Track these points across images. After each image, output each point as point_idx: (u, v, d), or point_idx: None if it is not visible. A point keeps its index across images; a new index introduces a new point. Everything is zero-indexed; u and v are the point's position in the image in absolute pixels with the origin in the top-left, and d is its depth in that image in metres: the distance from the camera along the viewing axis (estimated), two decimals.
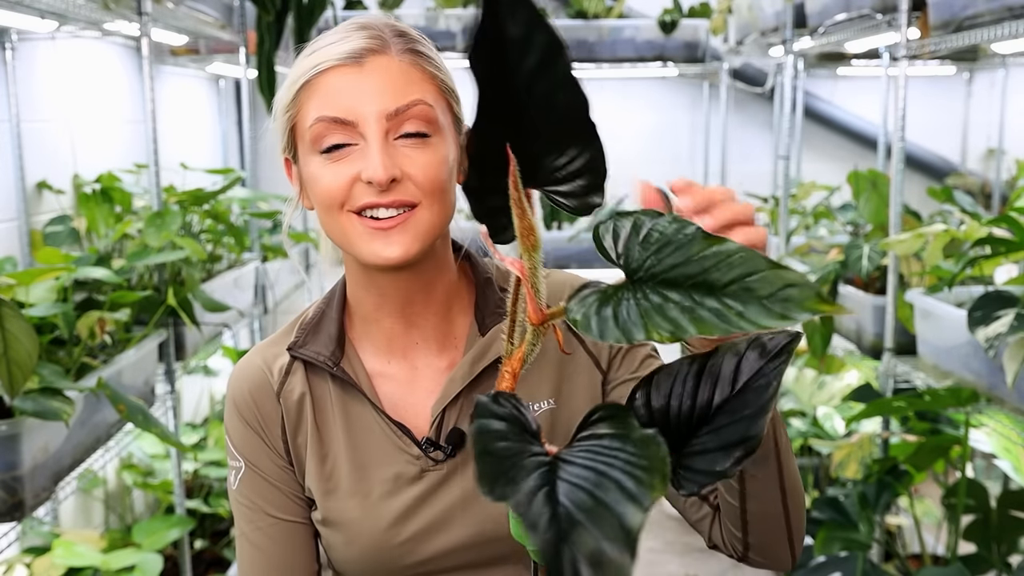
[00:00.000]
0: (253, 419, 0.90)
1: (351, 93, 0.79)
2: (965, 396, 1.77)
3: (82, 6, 1.79)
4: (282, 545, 0.90)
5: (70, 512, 2.35)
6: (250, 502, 0.90)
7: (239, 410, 0.91)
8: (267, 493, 0.90)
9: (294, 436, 0.90)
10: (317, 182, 0.81)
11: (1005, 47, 2.88)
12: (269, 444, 0.90)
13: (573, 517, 0.43)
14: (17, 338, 1.39)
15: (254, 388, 0.90)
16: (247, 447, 0.91)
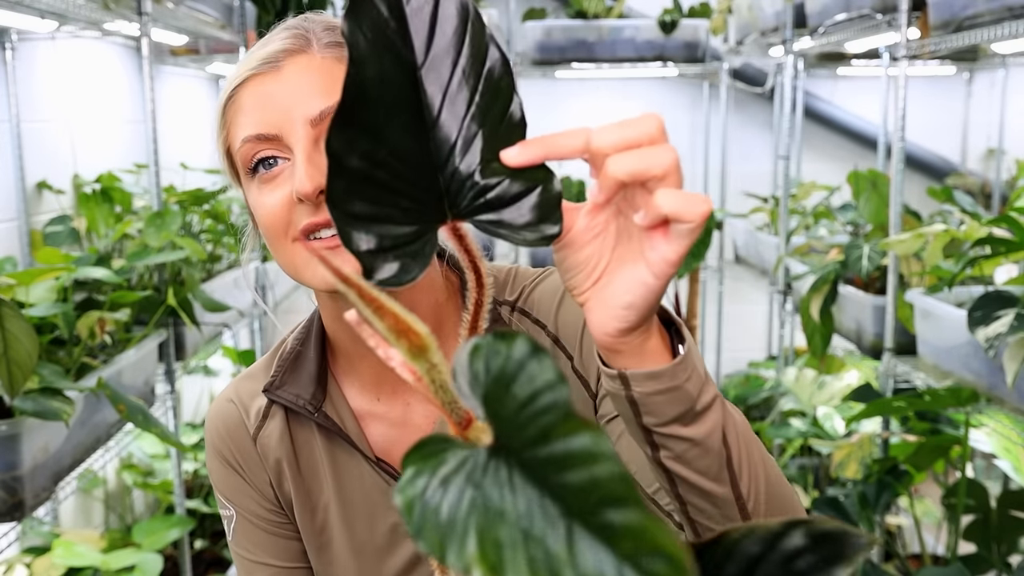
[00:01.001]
0: (235, 461, 0.83)
1: (271, 103, 0.70)
2: (965, 396, 1.77)
3: (82, 6, 1.79)
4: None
5: (70, 512, 2.35)
6: (248, 552, 0.84)
7: (219, 453, 0.84)
8: (264, 542, 0.83)
9: (279, 485, 0.82)
10: (258, 211, 0.73)
11: (1005, 47, 2.88)
12: (256, 488, 0.83)
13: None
14: (17, 338, 1.39)
15: (231, 430, 0.83)
16: (234, 492, 0.84)
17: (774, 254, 3.13)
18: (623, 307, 0.51)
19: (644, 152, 0.47)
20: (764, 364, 3.76)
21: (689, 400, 0.54)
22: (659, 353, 0.54)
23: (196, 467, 2.73)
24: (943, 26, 1.91)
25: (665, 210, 0.46)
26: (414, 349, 0.44)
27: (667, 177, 0.47)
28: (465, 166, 0.48)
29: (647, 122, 0.48)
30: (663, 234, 0.48)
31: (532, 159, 0.48)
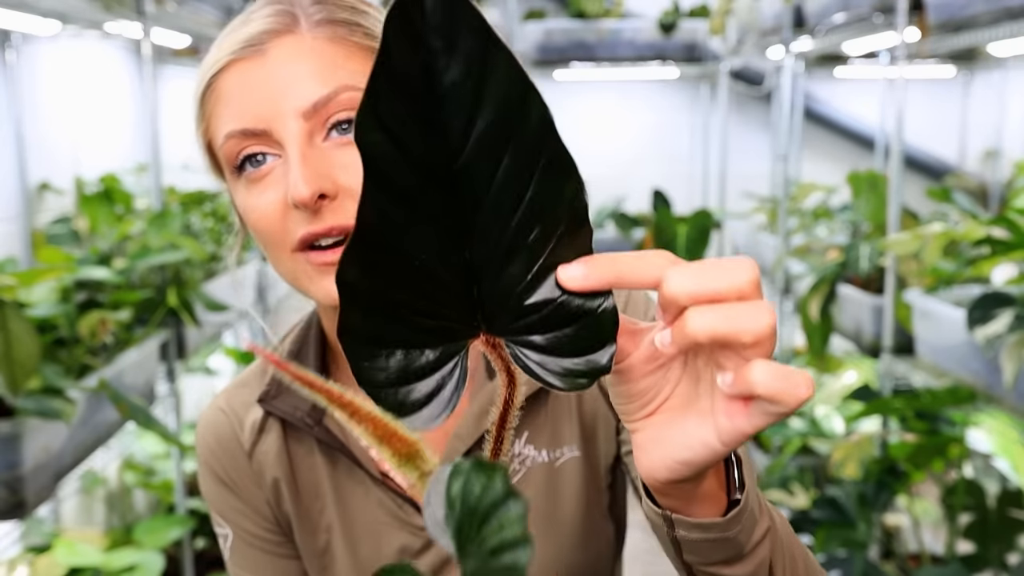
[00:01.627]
0: (228, 479, 0.76)
1: (256, 93, 0.61)
2: (963, 396, 1.78)
3: (84, 7, 1.80)
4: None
5: (71, 511, 2.35)
6: (247, 573, 0.77)
7: (211, 470, 0.76)
8: (261, 562, 0.76)
9: (277, 504, 0.75)
10: (247, 215, 0.64)
11: (1003, 48, 2.89)
12: (252, 507, 0.76)
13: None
14: (19, 338, 1.40)
15: (224, 445, 0.75)
16: (229, 511, 0.76)
17: (773, 254, 3.14)
18: (678, 461, 0.43)
19: (734, 311, 0.38)
20: None
21: (738, 547, 0.49)
22: (712, 499, 0.48)
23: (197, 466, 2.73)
24: (942, 27, 1.92)
25: (759, 390, 0.38)
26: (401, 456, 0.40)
27: (759, 344, 0.39)
28: (507, 279, 0.39)
29: (739, 270, 0.39)
30: (744, 406, 0.40)
31: (597, 285, 0.40)
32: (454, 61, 0.35)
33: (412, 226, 0.37)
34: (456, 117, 0.36)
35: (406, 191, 0.37)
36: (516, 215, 0.38)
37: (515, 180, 0.37)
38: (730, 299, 0.39)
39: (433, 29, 0.35)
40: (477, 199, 0.37)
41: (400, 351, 0.39)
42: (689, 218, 3.08)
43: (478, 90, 0.36)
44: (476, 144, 0.37)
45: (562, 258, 0.39)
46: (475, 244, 0.38)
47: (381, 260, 0.38)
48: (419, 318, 0.39)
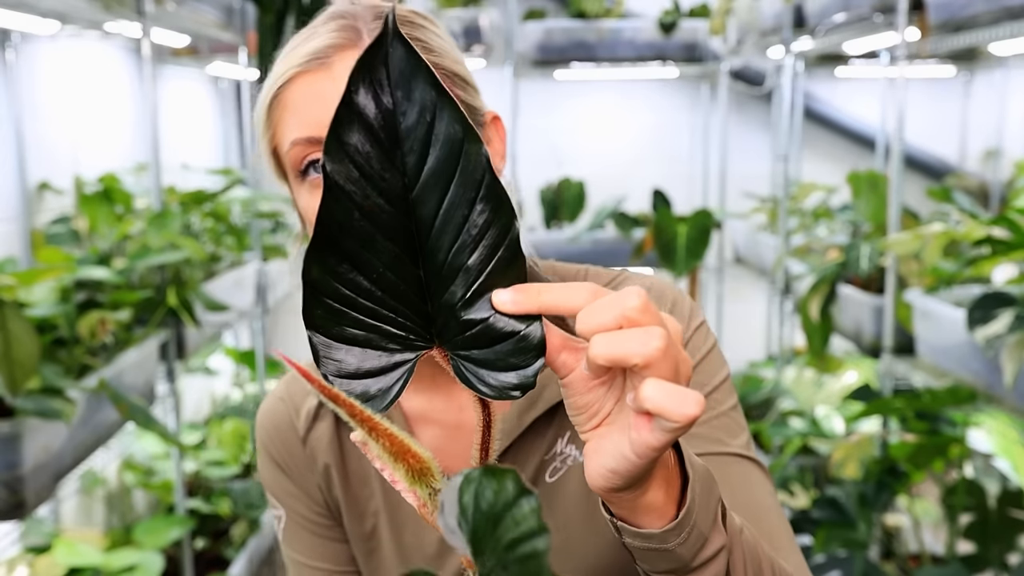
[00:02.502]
0: (283, 461, 0.81)
1: (322, 103, 0.65)
2: (964, 396, 1.78)
3: (83, 7, 1.79)
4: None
5: (71, 511, 2.35)
6: (297, 554, 0.81)
7: (268, 453, 0.81)
8: (311, 543, 0.81)
9: (328, 489, 0.80)
10: (307, 214, 0.69)
11: (1004, 48, 2.88)
12: (304, 491, 0.80)
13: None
14: (19, 338, 1.40)
15: (281, 430, 0.81)
16: (283, 492, 0.81)
17: (773, 254, 3.14)
18: (608, 469, 0.48)
19: (623, 338, 0.44)
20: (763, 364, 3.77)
21: (681, 560, 0.52)
22: (655, 510, 0.51)
23: (197, 467, 2.73)
24: (942, 27, 1.92)
25: (648, 405, 0.44)
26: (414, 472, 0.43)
27: (651, 366, 0.44)
28: (449, 296, 0.45)
29: (628, 300, 0.45)
30: (648, 421, 0.45)
31: (523, 310, 0.45)
32: (411, 109, 0.43)
33: (374, 239, 0.44)
34: (411, 154, 0.43)
35: (369, 210, 0.44)
36: (458, 239, 0.44)
37: (457, 209, 0.44)
38: (623, 327, 0.44)
39: (395, 83, 0.43)
40: (428, 223, 0.44)
41: (358, 350, 0.45)
42: (689, 218, 3.08)
43: (429, 134, 0.43)
44: (427, 177, 0.44)
45: (497, 282, 0.45)
46: (426, 263, 0.45)
47: (343, 266, 0.44)
48: (380, 324, 0.45)
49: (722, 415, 0.71)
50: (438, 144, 0.43)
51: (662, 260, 3.04)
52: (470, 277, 0.45)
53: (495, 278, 0.45)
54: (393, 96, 0.43)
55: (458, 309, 0.45)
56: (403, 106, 0.43)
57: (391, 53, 0.43)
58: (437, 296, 0.45)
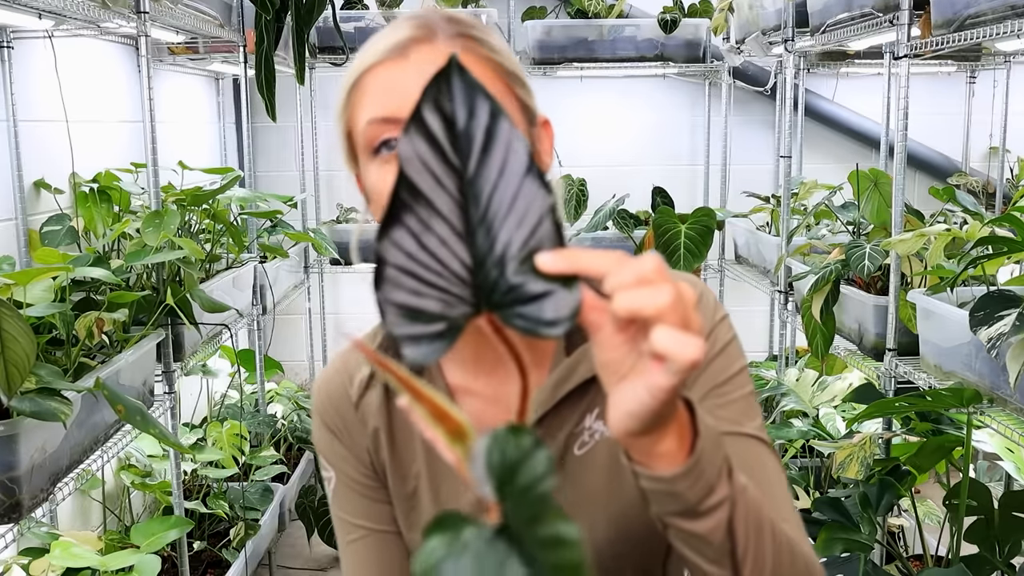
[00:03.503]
0: (336, 426, 0.89)
1: (397, 88, 0.75)
2: (967, 396, 1.77)
3: (80, 4, 1.78)
4: (376, 558, 0.89)
5: (68, 513, 2.34)
6: (345, 513, 0.89)
7: (322, 417, 0.90)
8: (357, 504, 0.89)
9: (375, 451, 0.88)
10: (378, 190, 0.77)
11: (1007, 45, 2.87)
12: (354, 454, 0.88)
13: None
14: (14, 338, 1.39)
15: (334, 397, 0.89)
16: (333, 454, 0.89)
17: (775, 254, 3.12)
18: (626, 413, 0.55)
19: (639, 293, 0.52)
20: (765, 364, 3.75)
21: (688, 504, 0.60)
22: (668, 456, 0.59)
23: (194, 468, 2.72)
24: (945, 25, 1.91)
25: (656, 347, 0.51)
26: (452, 434, 0.49)
27: (662, 317, 0.51)
28: (500, 267, 0.53)
29: (645, 263, 0.53)
30: (658, 365, 0.53)
31: (562, 270, 0.52)
32: (469, 119, 0.52)
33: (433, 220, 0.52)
34: (467, 155, 0.53)
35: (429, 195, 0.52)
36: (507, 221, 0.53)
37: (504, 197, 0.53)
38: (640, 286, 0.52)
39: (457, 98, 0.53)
40: (480, 208, 0.53)
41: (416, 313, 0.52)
42: (690, 217, 3.06)
43: (484, 138, 0.53)
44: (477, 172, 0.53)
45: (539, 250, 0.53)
46: (478, 240, 0.53)
47: (406, 239, 0.52)
48: (434, 290, 0.53)
49: (740, 399, 0.79)
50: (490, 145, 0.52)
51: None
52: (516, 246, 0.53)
53: (537, 247, 0.53)
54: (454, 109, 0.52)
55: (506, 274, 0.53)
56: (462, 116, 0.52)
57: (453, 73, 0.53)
58: (486, 267, 0.53)
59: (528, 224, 0.53)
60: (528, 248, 0.53)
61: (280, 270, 3.20)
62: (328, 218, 3.86)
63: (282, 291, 3.28)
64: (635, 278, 0.52)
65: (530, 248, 0.53)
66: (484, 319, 0.53)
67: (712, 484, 0.60)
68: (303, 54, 2.26)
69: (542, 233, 0.53)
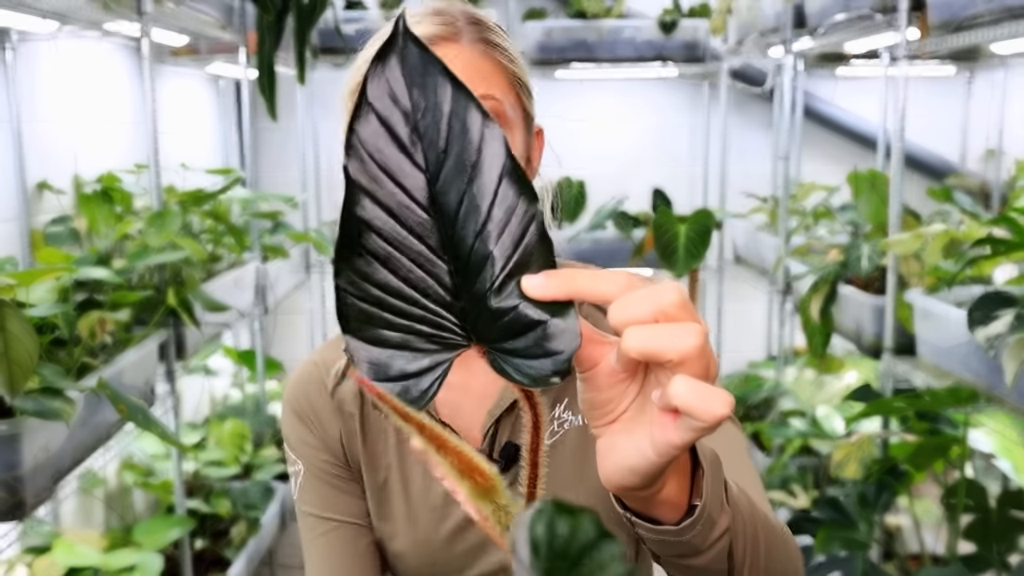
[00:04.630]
0: (306, 414, 0.88)
1: None
2: (965, 396, 1.78)
3: (83, 7, 1.79)
4: (345, 551, 0.87)
5: (71, 512, 2.35)
6: (312, 507, 0.87)
7: (292, 408, 0.88)
8: (326, 495, 0.87)
9: (349, 442, 0.87)
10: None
11: (1005, 47, 2.88)
12: (324, 441, 0.87)
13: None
14: (18, 338, 1.39)
15: (307, 385, 0.88)
16: (302, 443, 0.88)
17: (774, 254, 3.14)
18: (625, 468, 0.48)
19: (659, 332, 0.43)
20: (764, 364, 3.76)
21: (693, 548, 0.54)
22: (671, 504, 0.52)
23: (196, 467, 2.73)
24: (943, 26, 1.92)
25: (676, 402, 0.43)
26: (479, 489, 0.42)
27: (685, 363, 0.43)
28: (480, 286, 0.44)
29: (666, 294, 0.44)
30: (673, 419, 0.45)
31: (555, 295, 0.44)
32: (429, 107, 0.43)
33: (400, 235, 0.44)
34: (431, 152, 0.43)
35: (392, 208, 0.43)
36: (484, 228, 0.44)
37: (480, 201, 0.44)
38: (661, 321, 0.44)
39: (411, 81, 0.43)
40: (452, 215, 0.44)
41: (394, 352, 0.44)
42: (689, 217, 3.07)
43: (448, 130, 0.43)
44: (448, 170, 0.43)
45: (525, 269, 0.44)
46: (454, 256, 0.44)
47: (371, 266, 0.44)
48: (414, 324, 0.44)
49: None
50: (457, 138, 0.43)
51: (662, 260, 3.04)
52: (497, 267, 0.44)
53: (522, 266, 0.44)
54: (411, 94, 0.43)
55: (488, 300, 0.44)
56: (421, 103, 0.43)
57: (405, 52, 0.43)
58: (467, 289, 0.44)
59: (510, 237, 0.44)
60: (512, 266, 0.44)
61: (281, 270, 3.21)
62: (329, 218, 3.87)
63: (283, 291, 3.29)
64: (652, 312, 0.43)
65: (514, 266, 0.44)
66: (476, 351, 0.45)
67: (716, 519, 0.54)
68: (304, 55, 2.27)
69: (527, 248, 0.44)
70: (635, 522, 0.53)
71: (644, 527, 0.53)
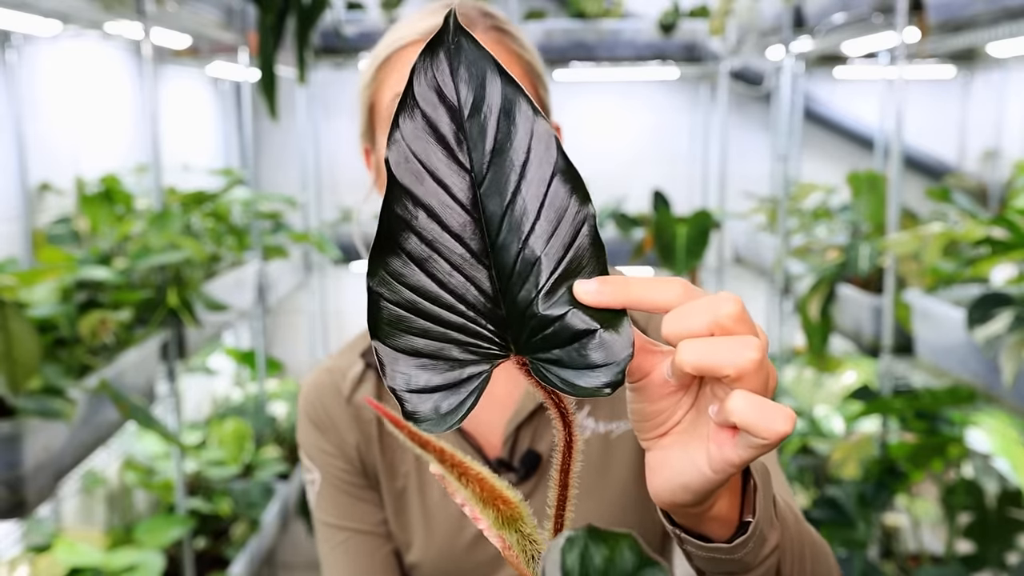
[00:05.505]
0: (322, 421, 0.86)
1: None
2: (963, 396, 1.78)
3: (84, 8, 1.80)
4: (361, 561, 0.85)
5: (72, 511, 2.36)
6: (329, 516, 0.86)
7: (309, 416, 0.87)
8: (342, 503, 0.86)
9: (366, 449, 0.86)
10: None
11: (1003, 48, 2.89)
12: (341, 449, 0.86)
13: None
14: (19, 338, 1.40)
15: (323, 393, 0.87)
16: (319, 451, 0.86)
17: (773, 254, 3.14)
18: (678, 484, 0.45)
19: (716, 346, 0.41)
20: None
21: (744, 565, 0.51)
22: (723, 520, 0.50)
23: (197, 467, 2.73)
24: (941, 27, 1.92)
25: (735, 419, 0.41)
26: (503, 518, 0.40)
27: (742, 378, 0.41)
28: (526, 294, 0.41)
29: (724, 305, 0.42)
30: (731, 436, 0.43)
31: (609, 303, 0.41)
32: (477, 103, 0.41)
33: (440, 237, 0.41)
34: (477, 146, 0.41)
35: (433, 208, 0.41)
36: (532, 230, 0.41)
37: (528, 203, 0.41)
38: (716, 334, 0.41)
39: (459, 76, 0.41)
40: (498, 217, 0.41)
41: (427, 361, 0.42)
42: (689, 218, 3.08)
43: (496, 124, 0.41)
44: (495, 169, 0.41)
45: (575, 274, 0.42)
46: (497, 260, 0.41)
47: (408, 268, 0.41)
48: (450, 331, 0.42)
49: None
50: (506, 137, 0.41)
51: (662, 260, 3.04)
52: (546, 269, 0.41)
53: (573, 269, 0.42)
54: (457, 90, 0.41)
55: (534, 306, 0.41)
56: (468, 100, 0.41)
57: (454, 45, 0.41)
58: (511, 296, 0.41)
59: (560, 240, 0.41)
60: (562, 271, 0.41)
61: (282, 270, 3.22)
62: (330, 218, 3.88)
63: (284, 291, 3.29)
64: (708, 324, 0.41)
65: (564, 271, 0.41)
66: (514, 361, 0.43)
67: (767, 536, 0.51)
68: (304, 56, 2.28)
69: (578, 252, 0.41)
70: (684, 539, 0.50)
71: (693, 544, 0.50)
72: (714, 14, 3.41)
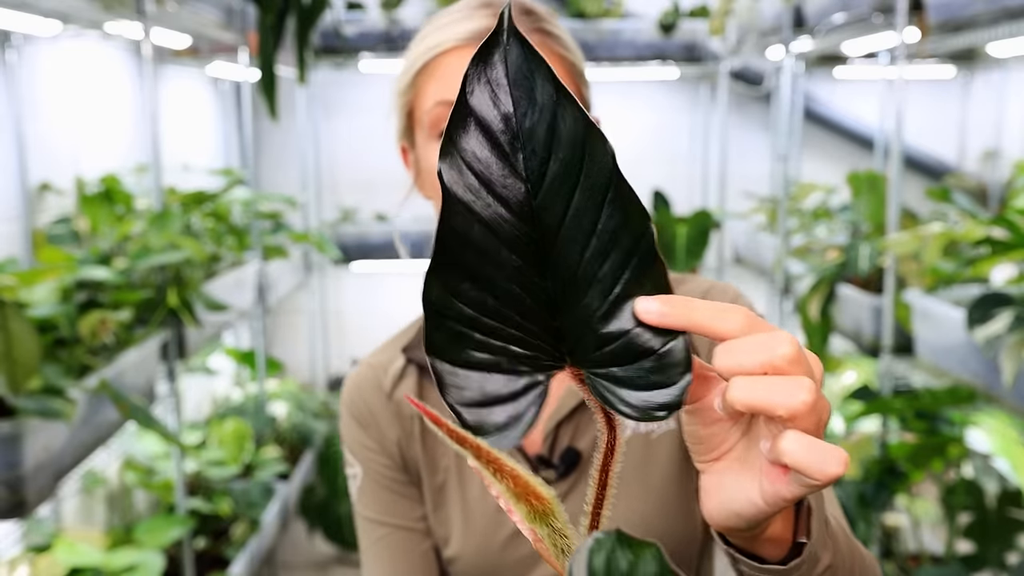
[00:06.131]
0: (363, 417, 0.87)
1: None
2: (963, 396, 1.78)
3: (84, 8, 1.80)
4: (400, 557, 0.85)
5: (72, 511, 2.36)
6: (370, 511, 0.87)
7: (351, 411, 0.88)
8: (383, 498, 0.86)
9: (408, 444, 0.86)
10: (431, 169, 0.77)
11: (1003, 48, 2.89)
12: (382, 444, 0.86)
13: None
14: (19, 338, 1.40)
15: (364, 388, 0.87)
16: (360, 447, 0.87)
17: (773, 254, 3.14)
18: (731, 511, 0.46)
19: (769, 386, 0.41)
20: None
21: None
22: (776, 541, 0.49)
23: (197, 467, 2.73)
24: (941, 27, 1.92)
25: (786, 460, 0.41)
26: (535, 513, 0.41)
27: (795, 419, 0.41)
28: (582, 309, 0.41)
29: (780, 347, 0.41)
30: (783, 473, 0.43)
31: (671, 324, 0.41)
32: (531, 110, 0.40)
33: (497, 252, 0.40)
34: (532, 158, 0.40)
35: (490, 220, 0.40)
36: (589, 246, 0.40)
37: (586, 214, 0.40)
38: (769, 374, 0.41)
39: (513, 82, 0.40)
40: (554, 231, 0.40)
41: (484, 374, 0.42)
42: (689, 218, 3.08)
43: (551, 135, 0.40)
44: (551, 181, 0.40)
45: (636, 291, 0.41)
46: (554, 274, 0.41)
47: (465, 284, 0.41)
48: (507, 344, 0.41)
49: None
50: (561, 145, 0.40)
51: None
52: (605, 287, 0.41)
53: (633, 287, 0.41)
54: (512, 97, 0.40)
55: (594, 323, 0.41)
56: (523, 107, 0.40)
57: (508, 51, 0.40)
58: (568, 310, 0.41)
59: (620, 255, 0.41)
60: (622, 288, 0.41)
61: (282, 270, 3.22)
62: (330, 218, 3.88)
63: (284, 291, 3.29)
64: (762, 364, 0.41)
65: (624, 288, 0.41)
66: (569, 372, 0.42)
67: (820, 556, 0.50)
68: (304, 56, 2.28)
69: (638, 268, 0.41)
70: (739, 559, 0.50)
71: (747, 564, 0.50)
72: (714, 14, 3.41)
